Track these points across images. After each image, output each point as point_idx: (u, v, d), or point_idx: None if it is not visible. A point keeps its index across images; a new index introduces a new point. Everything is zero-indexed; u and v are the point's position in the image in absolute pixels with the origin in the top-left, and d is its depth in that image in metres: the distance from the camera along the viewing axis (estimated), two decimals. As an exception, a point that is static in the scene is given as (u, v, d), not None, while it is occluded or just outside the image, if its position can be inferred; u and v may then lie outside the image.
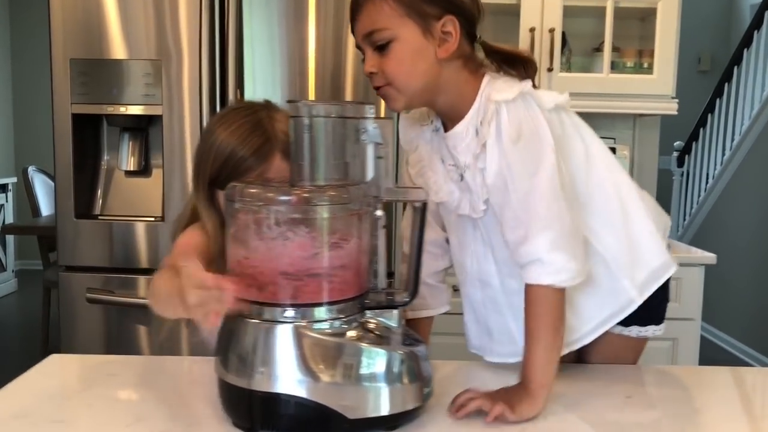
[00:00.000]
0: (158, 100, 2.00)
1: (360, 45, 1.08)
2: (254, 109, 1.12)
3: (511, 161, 1.03)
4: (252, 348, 0.91)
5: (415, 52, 1.05)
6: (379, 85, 1.07)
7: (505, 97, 1.03)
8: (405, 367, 0.91)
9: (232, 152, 1.07)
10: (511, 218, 1.04)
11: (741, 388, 1.13)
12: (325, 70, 2.00)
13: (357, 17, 1.06)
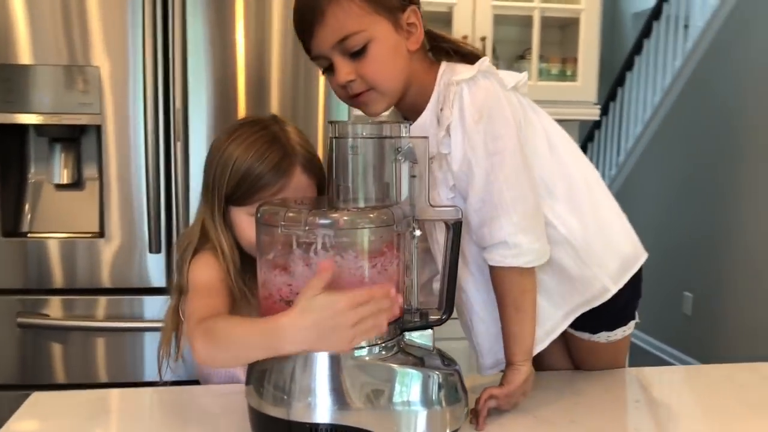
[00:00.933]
0: (96, 108, 1.87)
1: (323, 55, 1.02)
2: (265, 124, 1.08)
3: (474, 142, 1.01)
4: (291, 377, 0.88)
5: (391, 49, 1.03)
6: (359, 92, 1.03)
7: (465, 76, 1.02)
8: (448, 389, 0.90)
9: (250, 168, 1.03)
10: (476, 200, 1.03)
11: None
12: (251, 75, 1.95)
13: (318, 27, 0.99)
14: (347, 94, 1.05)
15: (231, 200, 1.06)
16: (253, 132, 1.07)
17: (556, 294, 1.15)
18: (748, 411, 1.08)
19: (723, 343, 3.53)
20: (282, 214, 0.86)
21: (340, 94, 1.06)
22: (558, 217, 1.11)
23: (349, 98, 1.06)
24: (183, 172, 1.90)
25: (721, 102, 3.71)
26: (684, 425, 1.01)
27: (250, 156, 1.04)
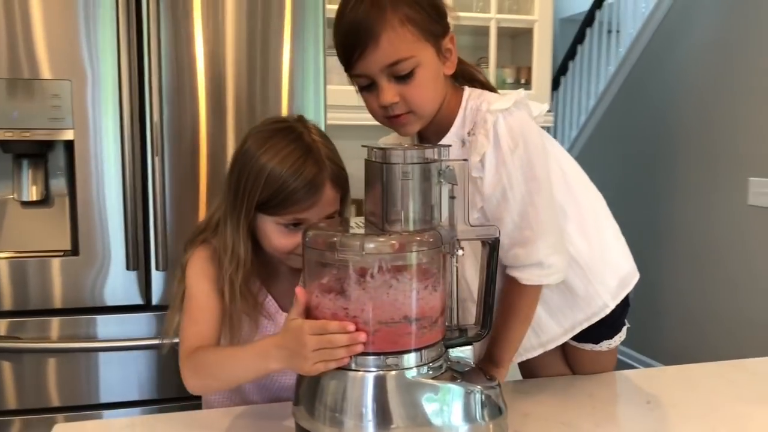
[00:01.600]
0: (68, 123, 1.82)
1: (369, 76, 1.04)
2: (298, 132, 1.09)
3: (511, 169, 1.06)
4: (343, 396, 0.90)
5: (434, 74, 1.07)
6: (399, 113, 1.06)
7: (501, 106, 1.07)
8: (490, 404, 0.94)
9: (285, 183, 1.04)
10: (510, 223, 1.08)
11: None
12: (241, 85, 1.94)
13: (371, 49, 1.01)
14: (385, 114, 1.07)
15: (261, 209, 1.07)
16: (287, 143, 1.06)
17: (558, 309, 1.23)
18: (750, 406, 1.16)
19: (662, 335, 3.71)
20: (338, 240, 0.87)
21: (377, 112, 1.09)
22: (568, 237, 1.19)
23: (386, 118, 1.08)
24: (161, 187, 1.86)
25: (654, 106, 3.90)
26: (700, 423, 1.08)
27: (285, 170, 1.03)
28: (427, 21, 1.04)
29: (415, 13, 1.03)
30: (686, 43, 3.65)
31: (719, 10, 3.40)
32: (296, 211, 1.06)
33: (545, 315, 1.23)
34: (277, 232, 1.08)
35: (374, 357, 0.89)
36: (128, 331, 1.89)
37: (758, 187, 3.15)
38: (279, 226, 1.08)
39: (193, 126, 1.89)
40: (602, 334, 1.28)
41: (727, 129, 3.32)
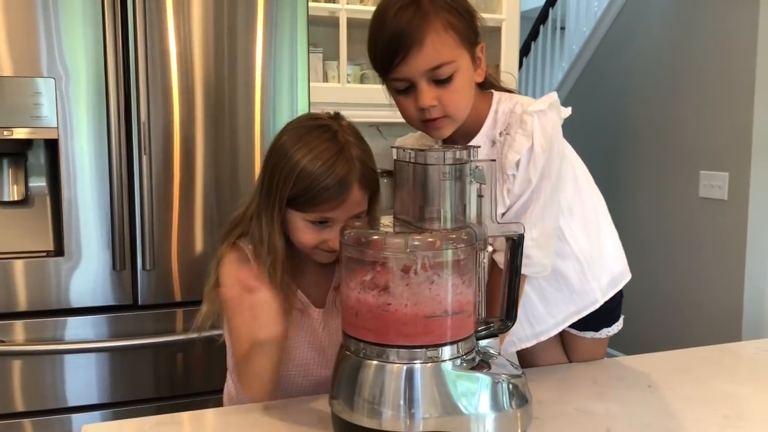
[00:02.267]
0: (52, 122, 1.79)
1: (409, 79, 1.08)
2: (333, 131, 1.11)
3: (536, 165, 1.13)
4: (381, 389, 0.93)
5: (469, 80, 1.12)
6: (437, 117, 1.10)
7: (540, 108, 1.13)
8: (517, 393, 0.99)
9: (315, 181, 1.06)
10: (511, 210, 1.15)
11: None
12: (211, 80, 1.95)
13: (415, 52, 1.05)
14: (421, 117, 1.10)
15: (291, 204, 1.09)
16: (321, 141, 1.09)
17: (553, 302, 1.30)
18: (742, 386, 1.26)
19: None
20: (382, 239, 0.91)
21: (413, 116, 1.12)
22: (573, 235, 1.27)
23: (421, 121, 1.12)
24: (148, 186, 1.85)
25: (608, 102, 4.03)
26: (701, 404, 1.16)
27: (316, 168, 1.06)
28: (465, 28, 1.09)
29: (456, 20, 1.08)
30: (638, 42, 3.79)
31: (669, 11, 3.55)
32: (324, 210, 1.09)
33: (541, 307, 1.30)
34: (305, 228, 1.11)
35: (416, 350, 0.93)
36: (115, 331, 1.88)
37: (708, 180, 3.31)
38: (306, 222, 1.11)
39: (179, 125, 1.89)
40: (601, 323, 1.36)
41: (679, 125, 3.47)
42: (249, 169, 1.97)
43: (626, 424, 1.09)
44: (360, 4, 2.64)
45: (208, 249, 1.94)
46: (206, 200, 1.94)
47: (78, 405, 1.86)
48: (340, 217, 1.10)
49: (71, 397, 1.86)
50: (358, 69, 2.73)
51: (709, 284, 3.31)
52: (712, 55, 3.26)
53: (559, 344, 1.42)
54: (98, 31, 1.80)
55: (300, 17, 2.03)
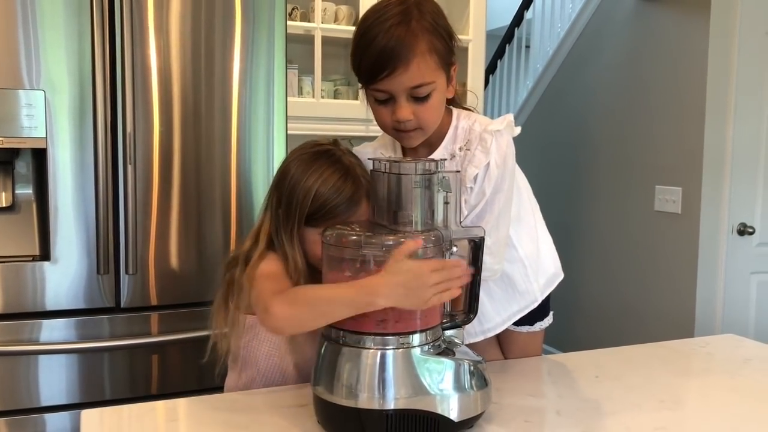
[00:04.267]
0: (41, 132, 1.87)
1: (390, 93, 1.18)
2: (336, 156, 1.23)
3: (490, 179, 1.25)
4: (358, 373, 1.05)
5: (442, 97, 1.24)
6: (410, 129, 1.22)
7: (497, 128, 1.26)
8: (477, 376, 1.11)
9: (328, 200, 1.18)
10: (469, 220, 1.27)
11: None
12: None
13: (401, 71, 1.15)
14: (395, 127, 1.23)
15: (307, 221, 1.20)
16: (328, 165, 1.21)
17: (499, 301, 1.43)
18: (679, 377, 1.40)
19: (576, 331, 4.02)
20: (362, 239, 1.03)
21: (388, 124, 1.24)
22: (520, 240, 1.41)
23: (394, 129, 1.24)
24: (133, 194, 1.95)
25: (570, 119, 4.21)
26: (642, 391, 1.30)
27: (328, 189, 1.18)
28: (445, 51, 1.21)
29: (439, 43, 1.19)
30: (598, 63, 3.98)
31: (627, 35, 3.74)
32: (337, 224, 1.17)
33: (489, 305, 1.42)
34: (320, 242, 1.17)
35: (389, 337, 1.05)
36: (99, 334, 1.96)
37: (663, 194, 3.49)
38: (320, 236, 1.18)
39: (158, 137, 1.99)
40: (535, 317, 1.50)
41: (636, 141, 3.66)
42: (225, 179, 2.08)
43: (574, 407, 1.22)
44: (334, 23, 2.77)
45: (184, 255, 2.04)
46: (183, 209, 2.04)
47: (54, 405, 1.94)
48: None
49: (45, 397, 1.93)
50: (332, 85, 2.86)
51: (663, 292, 3.49)
52: (666, 77, 3.46)
53: (496, 343, 1.54)
54: (86, 47, 1.89)
55: (278, 35, 2.14)
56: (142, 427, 1.17)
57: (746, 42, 3.26)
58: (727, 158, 3.29)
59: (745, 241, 3.36)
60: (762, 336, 3.41)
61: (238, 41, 2.08)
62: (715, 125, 3.25)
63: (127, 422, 1.18)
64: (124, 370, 2.01)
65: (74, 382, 1.95)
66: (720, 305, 3.38)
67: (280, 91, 2.15)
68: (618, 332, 3.71)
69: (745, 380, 1.39)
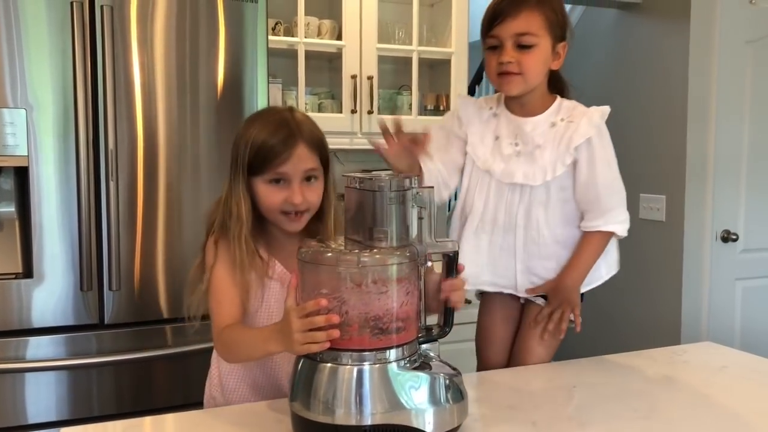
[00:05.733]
0: (23, 150, 1.88)
1: (499, 38, 1.45)
2: (280, 111, 1.34)
3: (608, 152, 1.54)
4: (334, 390, 1.06)
5: (545, 58, 1.49)
6: (511, 71, 1.45)
7: (604, 111, 1.54)
8: (459, 387, 1.13)
9: (264, 143, 1.26)
10: (606, 188, 1.52)
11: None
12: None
13: (511, 19, 1.44)
14: (498, 70, 1.47)
15: (251, 171, 1.27)
16: (268, 116, 1.32)
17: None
18: (654, 385, 1.41)
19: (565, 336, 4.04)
20: (337, 256, 1.04)
21: (493, 69, 1.48)
22: None
23: (498, 74, 1.48)
24: (115, 210, 1.95)
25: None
26: (617, 400, 1.31)
27: (264, 133, 1.26)
28: (555, 22, 1.47)
29: (551, 13, 1.47)
30: (582, 74, 4.02)
31: (610, 44, 3.79)
32: (276, 165, 1.26)
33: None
34: (266, 190, 1.28)
35: (365, 353, 1.06)
36: (82, 350, 1.96)
37: (647, 202, 3.52)
38: (266, 184, 1.28)
39: (143, 152, 2.00)
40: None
41: (620, 150, 3.67)
42: (210, 193, 2.08)
43: (550, 417, 1.23)
44: (317, 38, 2.79)
45: (167, 271, 2.04)
46: (167, 224, 2.05)
47: (40, 422, 1.93)
48: (292, 171, 1.27)
49: (33, 414, 1.93)
50: (316, 98, 2.88)
51: (649, 299, 3.51)
52: (648, 86, 3.50)
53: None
54: (68, 64, 1.90)
55: (260, 50, 2.16)
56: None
57: (726, 51, 3.30)
58: (709, 166, 3.33)
59: (729, 247, 3.40)
60: (747, 341, 3.44)
61: (221, 56, 2.09)
62: (697, 134, 3.29)
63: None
64: (110, 386, 2.01)
65: (61, 398, 1.95)
66: (705, 311, 3.40)
67: (262, 105, 2.17)
68: (605, 339, 3.73)
69: (719, 387, 1.41)
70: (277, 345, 1.11)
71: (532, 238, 1.52)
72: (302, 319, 1.05)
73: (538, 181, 1.49)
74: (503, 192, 1.53)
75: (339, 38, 2.78)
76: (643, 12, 3.53)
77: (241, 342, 1.23)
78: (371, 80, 2.78)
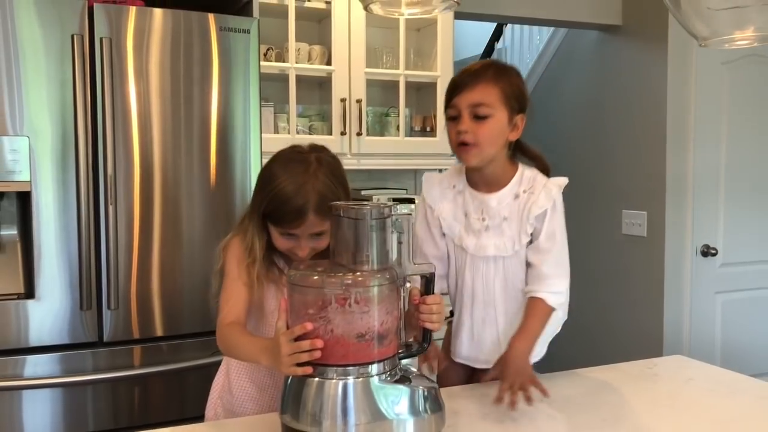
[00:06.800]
0: (26, 176, 1.97)
1: (458, 108, 1.50)
2: (306, 165, 1.39)
3: (558, 226, 1.57)
4: (321, 403, 1.15)
5: (500, 129, 1.52)
6: (469, 141, 1.49)
7: (560, 183, 1.58)
8: (437, 399, 1.22)
9: (278, 208, 1.37)
10: (554, 259, 1.56)
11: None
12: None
13: (467, 90, 1.49)
14: (457, 140, 1.51)
15: (267, 218, 1.41)
16: (292, 175, 1.38)
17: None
18: (625, 397, 1.51)
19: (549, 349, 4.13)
20: (323, 279, 1.13)
21: (453, 138, 1.52)
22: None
23: (456, 144, 1.52)
24: (114, 233, 2.04)
25: (540, 146, 4.34)
26: (589, 409, 1.40)
27: (281, 197, 1.36)
28: (512, 96, 1.52)
29: (508, 88, 1.52)
30: (565, 92, 4.14)
31: (591, 65, 3.90)
32: (287, 228, 1.39)
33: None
34: (278, 236, 1.42)
35: (349, 368, 1.15)
36: (83, 367, 2.04)
37: (629, 218, 3.63)
38: (278, 233, 1.42)
39: (139, 177, 2.09)
40: None
41: (603, 168, 3.80)
42: (204, 216, 2.18)
43: (522, 427, 1.32)
44: (308, 63, 2.89)
45: (164, 290, 2.14)
46: (163, 245, 2.13)
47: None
48: (301, 233, 1.39)
49: (30, 431, 2.00)
50: (307, 121, 2.97)
51: (632, 312, 3.61)
52: (628, 106, 3.61)
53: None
54: (68, 94, 2.00)
55: (252, 76, 2.26)
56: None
57: (703, 72, 3.42)
58: (688, 183, 3.44)
59: (708, 262, 3.50)
60: (727, 351, 3.54)
61: (215, 83, 2.19)
62: (676, 151, 3.40)
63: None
64: (107, 403, 2.09)
65: (59, 415, 2.03)
66: (687, 324, 3.50)
67: (255, 129, 2.27)
68: (588, 352, 3.82)
69: (684, 398, 1.51)
70: (267, 360, 1.22)
71: (512, 308, 1.58)
72: (290, 343, 1.14)
73: (509, 251, 1.55)
74: (479, 266, 1.58)
75: (329, 63, 2.88)
76: (623, 34, 3.65)
77: (238, 345, 1.35)
78: (360, 103, 2.88)
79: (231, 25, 2.20)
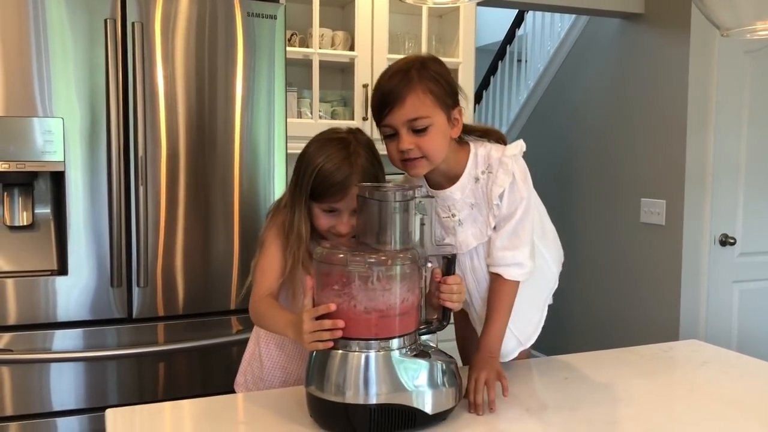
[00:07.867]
0: (59, 156, 2.04)
1: (393, 126, 1.38)
2: (346, 143, 1.46)
3: (520, 195, 1.46)
4: (345, 373, 1.20)
5: (443, 133, 1.41)
6: (414, 157, 1.39)
7: (514, 152, 1.47)
8: (454, 373, 1.27)
9: (324, 181, 1.42)
10: (508, 230, 1.46)
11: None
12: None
13: (397, 107, 1.36)
14: (401, 157, 1.40)
15: (312, 196, 1.45)
16: (335, 150, 1.44)
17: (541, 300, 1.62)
18: (640, 378, 1.55)
19: (567, 337, 4.16)
20: (347, 257, 1.18)
21: (395, 156, 1.41)
22: (545, 245, 1.62)
23: (400, 161, 1.41)
24: (144, 213, 2.11)
25: (560, 133, 4.37)
26: (606, 391, 1.45)
27: (327, 169, 1.42)
28: (443, 94, 1.39)
29: (436, 87, 1.38)
30: (586, 79, 4.14)
31: (613, 52, 3.91)
32: (331, 201, 1.44)
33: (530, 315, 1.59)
34: (320, 214, 1.47)
35: (371, 342, 1.20)
36: (110, 342, 2.12)
37: (648, 206, 3.64)
38: (320, 210, 1.46)
39: (165, 159, 2.15)
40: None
41: (623, 155, 3.81)
42: (228, 197, 2.24)
43: (541, 404, 1.37)
44: (331, 48, 2.93)
45: (189, 269, 2.20)
46: (189, 225, 2.20)
47: (65, 410, 2.10)
48: (343, 207, 1.44)
49: (58, 402, 2.09)
50: (329, 106, 3.02)
51: (649, 300, 3.63)
52: (649, 94, 3.62)
53: None
54: (99, 78, 2.06)
55: (278, 61, 2.31)
56: (154, 425, 1.32)
57: (725, 60, 3.42)
58: (708, 172, 3.45)
59: (726, 251, 3.51)
60: (744, 341, 3.55)
61: (240, 67, 2.24)
62: (696, 140, 3.40)
63: (145, 420, 1.34)
64: (132, 377, 2.16)
65: (85, 387, 2.11)
66: (703, 313, 3.52)
67: (280, 113, 2.32)
68: (606, 340, 3.86)
69: (699, 380, 1.55)
70: (292, 334, 1.29)
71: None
72: (313, 321, 1.20)
73: (485, 236, 1.49)
74: (464, 261, 1.53)
75: (351, 49, 2.92)
76: (645, 22, 3.65)
77: (269, 317, 1.43)
78: (382, 89, 2.91)
79: (257, 10, 2.25)
